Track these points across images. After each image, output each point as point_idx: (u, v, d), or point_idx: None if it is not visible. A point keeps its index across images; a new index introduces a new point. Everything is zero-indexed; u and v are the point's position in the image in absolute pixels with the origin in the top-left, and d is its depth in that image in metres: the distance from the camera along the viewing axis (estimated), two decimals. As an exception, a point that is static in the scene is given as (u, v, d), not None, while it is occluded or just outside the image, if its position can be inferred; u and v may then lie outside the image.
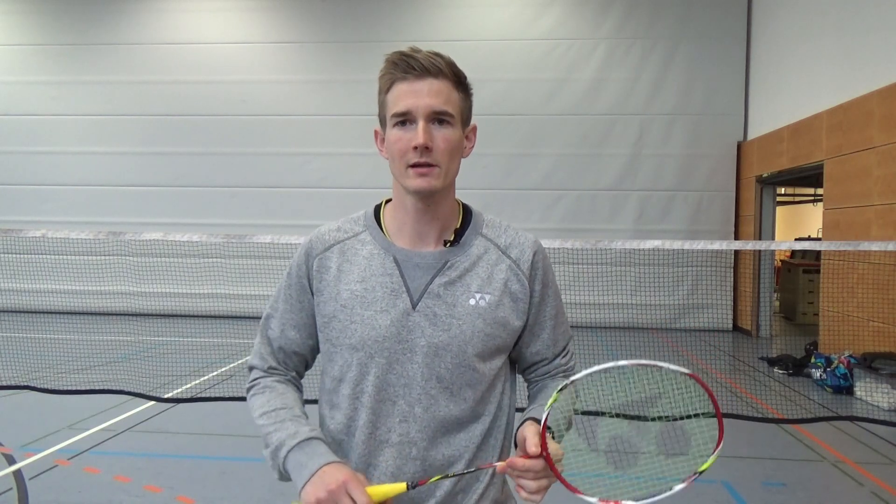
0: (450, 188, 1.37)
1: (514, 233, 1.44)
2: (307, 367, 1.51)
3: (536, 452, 1.19)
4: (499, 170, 11.42)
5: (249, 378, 1.47)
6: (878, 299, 6.99)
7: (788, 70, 9.64)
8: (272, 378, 1.44)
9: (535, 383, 1.51)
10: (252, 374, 1.47)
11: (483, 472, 1.38)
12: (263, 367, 1.46)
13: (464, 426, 1.36)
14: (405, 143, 1.29)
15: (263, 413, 1.36)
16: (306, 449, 1.26)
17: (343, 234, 1.42)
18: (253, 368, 1.47)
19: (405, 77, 1.28)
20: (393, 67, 1.29)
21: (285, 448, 1.27)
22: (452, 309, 1.33)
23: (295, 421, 1.33)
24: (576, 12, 11.54)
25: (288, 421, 1.32)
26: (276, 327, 1.45)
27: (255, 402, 1.41)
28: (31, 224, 11.08)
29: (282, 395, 1.39)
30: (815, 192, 14.06)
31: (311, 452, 1.26)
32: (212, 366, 7.70)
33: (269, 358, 1.45)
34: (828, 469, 4.71)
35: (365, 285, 1.35)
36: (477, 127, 1.43)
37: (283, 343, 1.44)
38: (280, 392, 1.41)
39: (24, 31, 12.47)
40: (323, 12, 11.95)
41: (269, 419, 1.34)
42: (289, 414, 1.34)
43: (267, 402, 1.38)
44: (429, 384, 1.32)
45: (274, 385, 1.42)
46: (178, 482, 4.19)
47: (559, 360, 1.49)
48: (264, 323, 1.47)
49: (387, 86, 1.32)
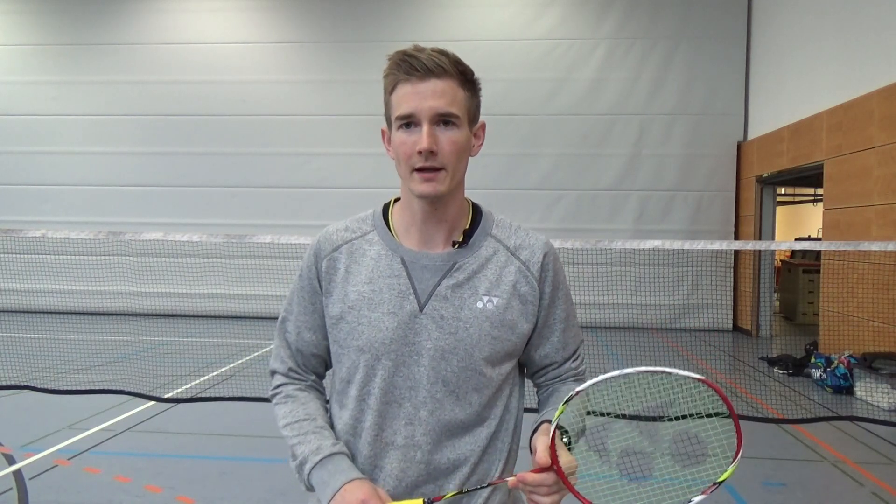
0: (458, 189, 1.35)
1: (524, 234, 1.41)
2: (327, 367, 1.50)
3: (547, 464, 1.17)
4: (499, 170, 11.42)
5: (272, 384, 1.46)
6: (878, 299, 6.99)
7: (788, 70, 9.64)
8: (294, 385, 1.44)
9: (545, 388, 1.49)
10: (274, 379, 1.46)
11: (488, 476, 1.37)
12: (284, 371, 1.45)
13: (469, 430, 1.34)
14: (410, 146, 1.26)
15: (287, 424, 1.37)
16: (328, 466, 1.28)
17: (351, 233, 1.41)
18: (275, 373, 1.47)
19: (408, 78, 1.25)
20: (396, 68, 1.26)
21: (309, 464, 1.29)
22: (459, 312, 1.31)
23: (318, 434, 1.33)
24: (576, 12, 11.54)
25: (311, 434, 1.33)
26: (293, 330, 1.44)
27: (279, 412, 1.41)
28: (31, 224, 11.07)
29: (304, 405, 1.40)
30: (815, 192, 14.06)
31: (333, 470, 1.27)
32: (212, 366, 7.70)
33: (289, 360, 1.45)
34: (828, 469, 4.71)
35: (372, 287, 1.34)
36: (486, 124, 1.40)
37: (300, 345, 1.43)
38: (302, 401, 1.41)
39: (24, 31, 12.47)
40: (323, 12, 11.95)
41: (292, 431, 1.35)
42: (312, 426, 1.35)
43: (290, 412, 1.38)
44: (434, 387, 1.31)
45: (296, 394, 1.42)
46: (178, 482, 4.19)
47: (569, 364, 1.46)
48: (280, 326, 1.46)
49: (391, 87, 1.29)
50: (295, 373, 1.45)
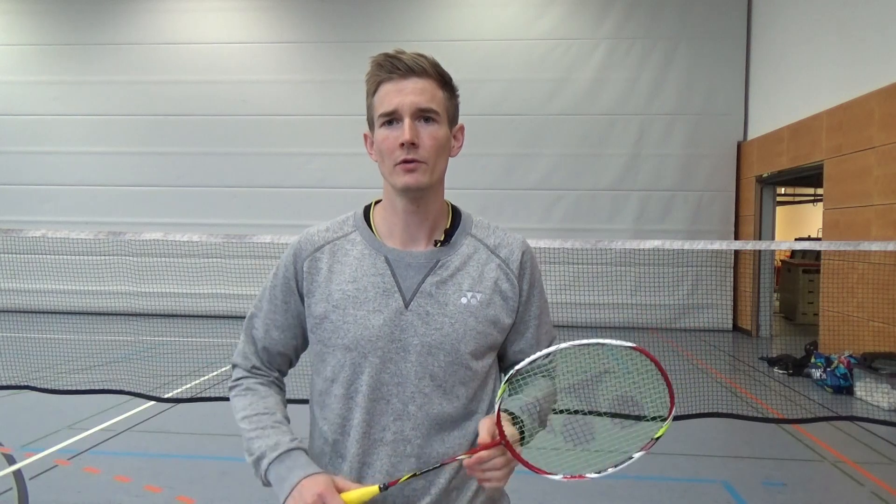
0: (438, 187, 1.39)
1: (502, 233, 1.46)
2: (291, 365, 1.53)
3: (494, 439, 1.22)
4: (499, 170, 11.42)
5: (232, 377, 1.48)
6: (878, 299, 6.99)
7: (788, 70, 9.64)
8: (255, 379, 1.45)
9: None
10: (235, 372, 1.48)
11: None
12: (247, 367, 1.47)
13: (457, 424, 1.37)
14: (392, 141, 1.31)
15: (245, 417, 1.38)
16: (286, 462, 1.29)
17: (333, 234, 1.43)
18: (236, 367, 1.48)
19: (390, 77, 1.31)
20: (378, 69, 1.32)
21: (266, 460, 1.30)
22: (444, 308, 1.35)
23: (276, 429, 1.35)
24: (576, 12, 11.54)
25: (269, 428, 1.34)
26: (261, 327, 1.45)
27: (237, 404, 1.42)
28: (31, 224, 11.07)
29: (264, 399, 1.41)
30: (815, 192, 14.05)
31: (291, 465, 1.29)
32: (212, 366, 7.70)
33: (253, 357, 1.47)
34: (828, 469, 4.71)
35: (356, 285, 1.36)
36: (464, 127, 1.44)
37: (267, 343, 1.45)
38: (262, 395, 1.42)
39: (24, 31, 12.47)
40: (323, 12, 11.95)
41: (250, 424, 1.36)
42: (270, 420, 1.36)
43: (249, 405, 1.40)
44: (422, 382, 1.34)
45: (256, 387, 1.44)
46: (178, 482, 4.19)
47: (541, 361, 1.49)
48: (248, 322, 1.48)
49: (373, 88, 1.35)
50: (257, 369, 1.47)
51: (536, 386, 1.41)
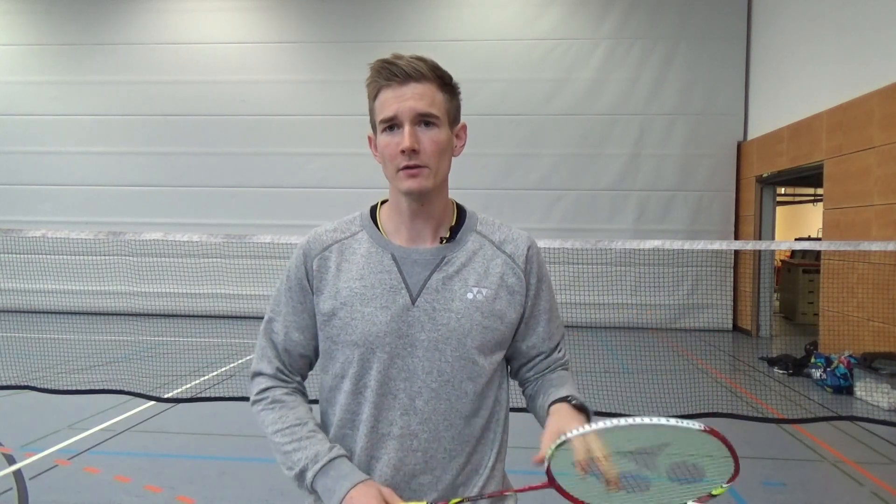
0: (442, 187, 1.40)
1: (507, 230, 1.48)
2: (310, 368, 1.51)
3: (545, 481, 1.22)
4: (499, 170, 11.42)
5: (256, 388, 1.44)
6: (878, 299, 6.99)
7: (788, 70, 9.64)
8: (280, 390, 1.43)
9: (533, 381, 1.51)
10: (258, 382, 1.45)
11: (482, 465, 1.41)
12: (271, 372, 1.44)
13: (464, 419, 1.38)
14: (393, 147, 1.32)
15: (278, 430, 1.37)
16: (331, 472, 1.30)
17: (340, 233, 1.44)
18: (259, 375, 1.45)
19: (389, 84, 1.32)
20: (377, 75, 1.33)
21: (311, 472, 1.31)
22: (451, 303, 1.36)
23: (311, 438, 1.35)
24: (576, 12, 11.54)
25: (305, 439, 1.34)
26: (280, 330, 1.44)
27: (266, 418, 1.40)
28: (31, 224, 11.06)
29: (293, 410, 1.40)
30: (815, 192, 14.05)
31: (336, 476, 1.29)
32: (212, 366, 7.70)
33: (276, 360, 1.44)
34: (828, 469, 4.71)
35: (364, 282, 1.37)
36: (467, 125, 1.45)
37: (288, 345, 1.44)
38: (291, 406, 1.41)
39: (24, 31, 12.47)
40: (323, 12, 11.96)
41: (284, 437, 1.35)
42: (304, 430, 1.36)
43: (279, 418, 1.38)
44: (430, 377, 1.35)
45: (283, 398, 1.42)
46: (178, 482, 4.19)
47: (556, 355, 1.51)
48: (266, 327, 1.46)
49: (373, 93, 1.36)
50: (282, 373, 1.45)
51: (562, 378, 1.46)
